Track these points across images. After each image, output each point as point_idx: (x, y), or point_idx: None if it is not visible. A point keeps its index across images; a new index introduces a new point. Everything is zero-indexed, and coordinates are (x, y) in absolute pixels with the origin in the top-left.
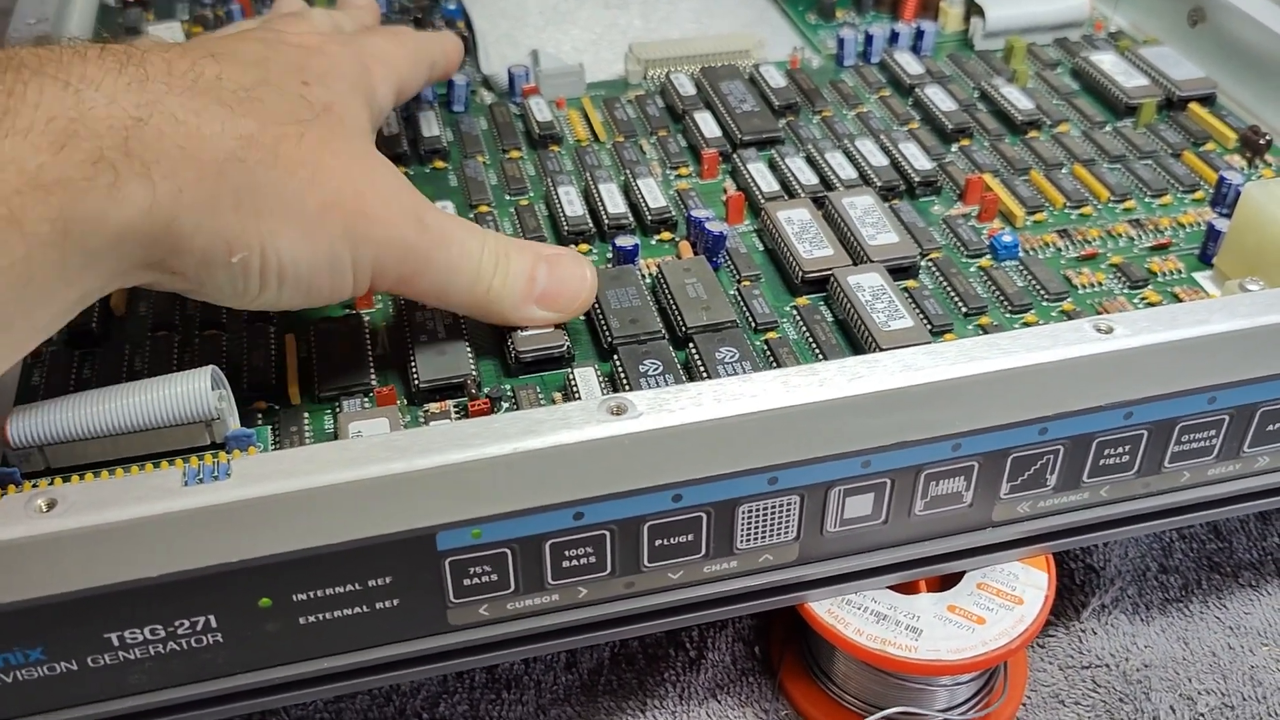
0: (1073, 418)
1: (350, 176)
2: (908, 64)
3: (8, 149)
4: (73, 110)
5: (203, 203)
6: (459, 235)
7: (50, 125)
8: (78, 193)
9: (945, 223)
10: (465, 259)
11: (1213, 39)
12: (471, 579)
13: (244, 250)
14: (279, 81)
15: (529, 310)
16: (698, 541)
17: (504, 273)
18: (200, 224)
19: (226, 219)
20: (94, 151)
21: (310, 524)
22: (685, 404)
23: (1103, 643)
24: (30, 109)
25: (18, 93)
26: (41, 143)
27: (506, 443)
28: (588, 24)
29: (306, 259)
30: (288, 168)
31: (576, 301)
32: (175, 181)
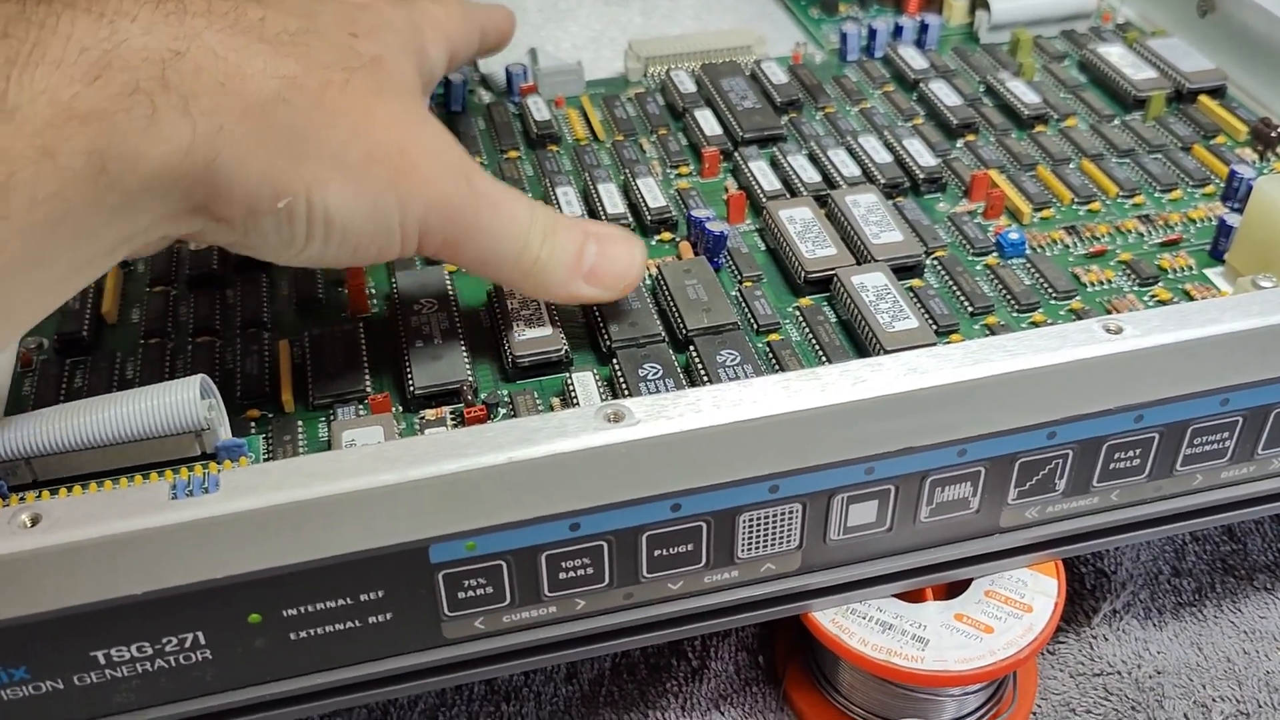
0: (1082, 421)
1: (398, 130)
2: (912, 58)
3: (40, 79)
4: (106, 41)
5: (245, 142)
6: (508, 201)
7: (83, 56)
8: (114, 125)
9: (950, 220)
10: (513, 225)
11: (1222, 29)
12: (466, 592)
13: (289, 194)
14: (326, 30)
15: (576, 286)
16: (698, 551)
17: (552, 245)
18: (244, 164)
19: (271, 160)
20: (129, 83)
21: (299, 538)
22: (684, 410)
23: (1114, 649)
24: (62, 40)
25: (49, 25)
26: (75, 73)
27: (500, 452)
28: (587, 21)
29: (353, 210)
30: (332, 114)
31: (624, 281)
32: (216, 119)
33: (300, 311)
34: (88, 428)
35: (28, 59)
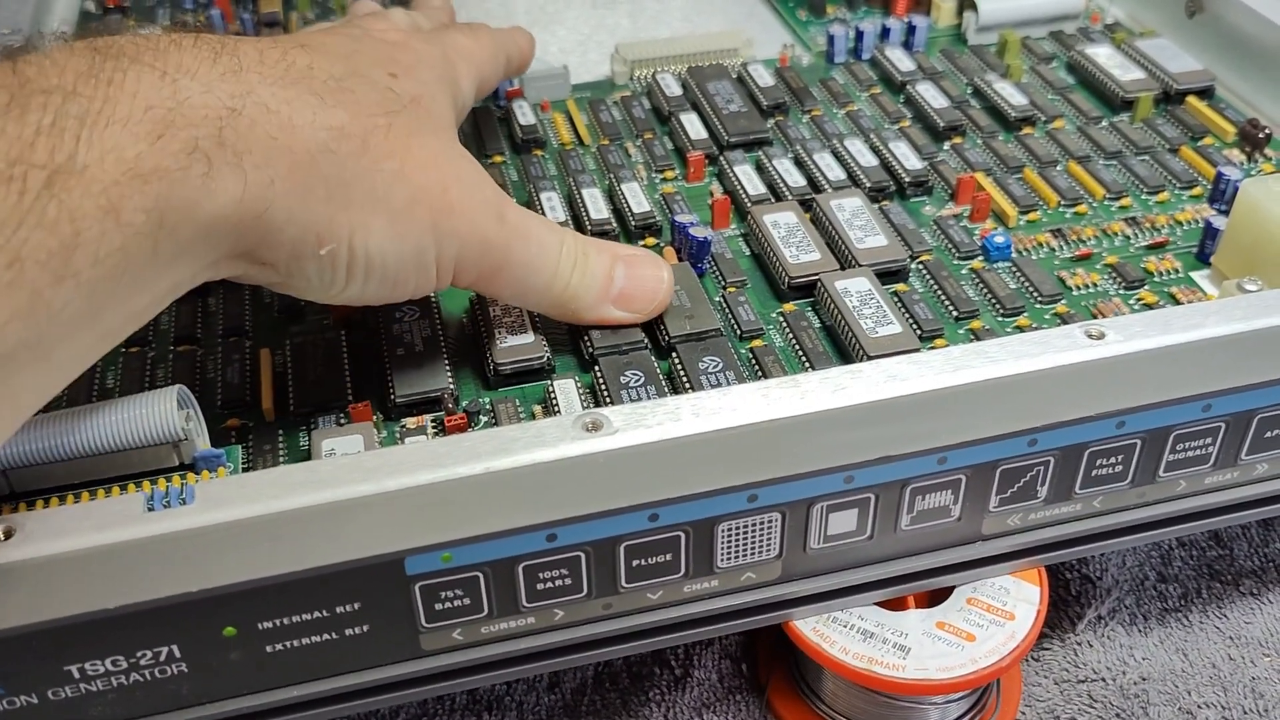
0: (1063, 428)
1: (437, 169)
2: (899, 60)
3: (109, 138)
4: (170, 100)
5: (294, 193)
6: (538, 231)
7: (148, 114)
8: (173, 182)
9: (936, 224)
10: (544, 256)
11: (1211, 29)
12: (443, 603)
13: (333, 242)
14: (368, 72)
15: (606, 309)
16: (676, 561)
17: (582, 270)
18: (291, 214)
19: (317, 210)
20: (190, 141)
21: (274, 550)
22: (662, 419)
23: (1099, 656)
24: (129, 98)
25: (117, 81)
26: (140, 131)
27: (477, 462)
28: (575, 24)
29: (394, 252)
30: (376, 159)
31: (653, 303)
32: (267, 171)
33: (282, 319)
34: (63, 440)
35: (97, 117)
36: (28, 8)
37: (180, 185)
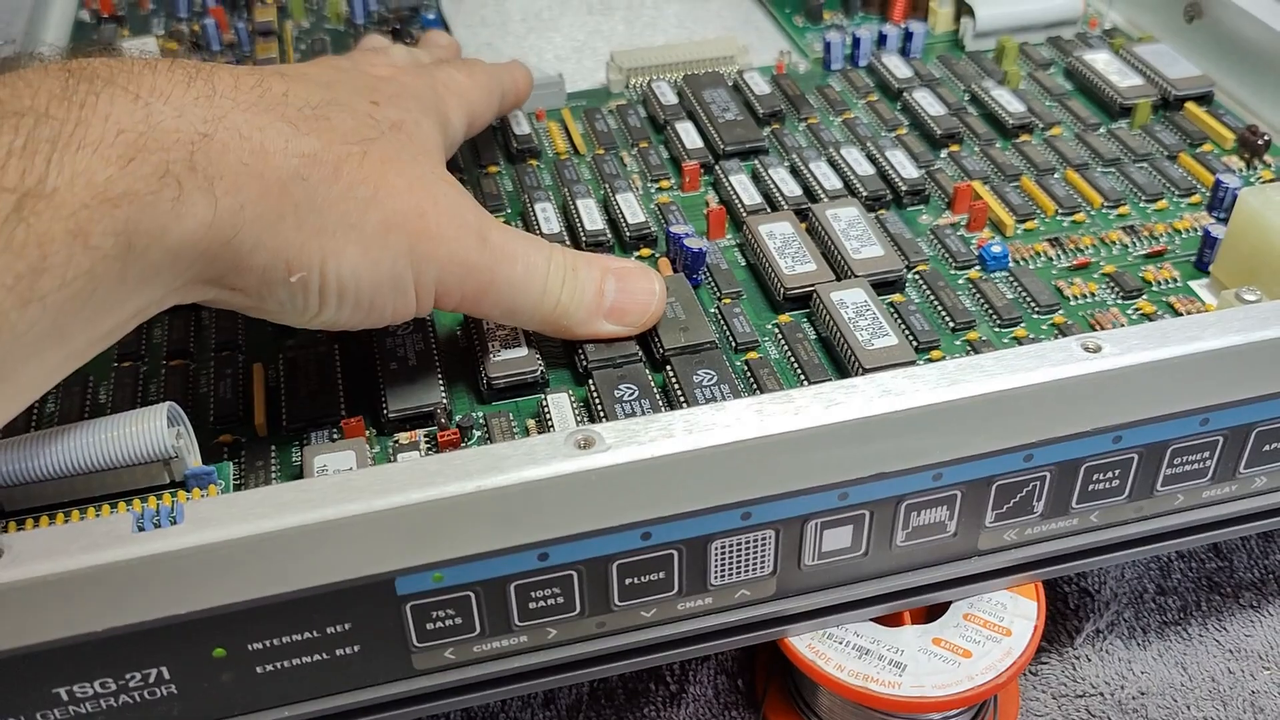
0: (1059, 443)
1: (413, 194)
2: (896, 67)
3: (79, 162)
4: (142, 123)
5: (263, 219)
6: (524, 251)
7: (120, 138)
8: (142, 206)
9: (933, 233)
10: (531, 275)
11: (1210, 35)
12: (434, 623)
13: (303, 269)
14: (347, 101)
15: (598, 324)
16: (669, 579)
17: (572, 287)
18: (260, 241)
19: (287, 237)
20: (161, 165)
21: (264, 571)
22: (655, 435)
23: (1097, 670)
24: (101, 120)
25: (89, 104)
26: (111, 155)
27: (468, 481)
28: (570, 31)
29: (367, 278)
30: (349, 186)
31: (646, 314)
32: (237, 198)
33: (275, 333)
34: (55, 457)
35: (68, 140)
36: (22, 18)
37: (150, 209)
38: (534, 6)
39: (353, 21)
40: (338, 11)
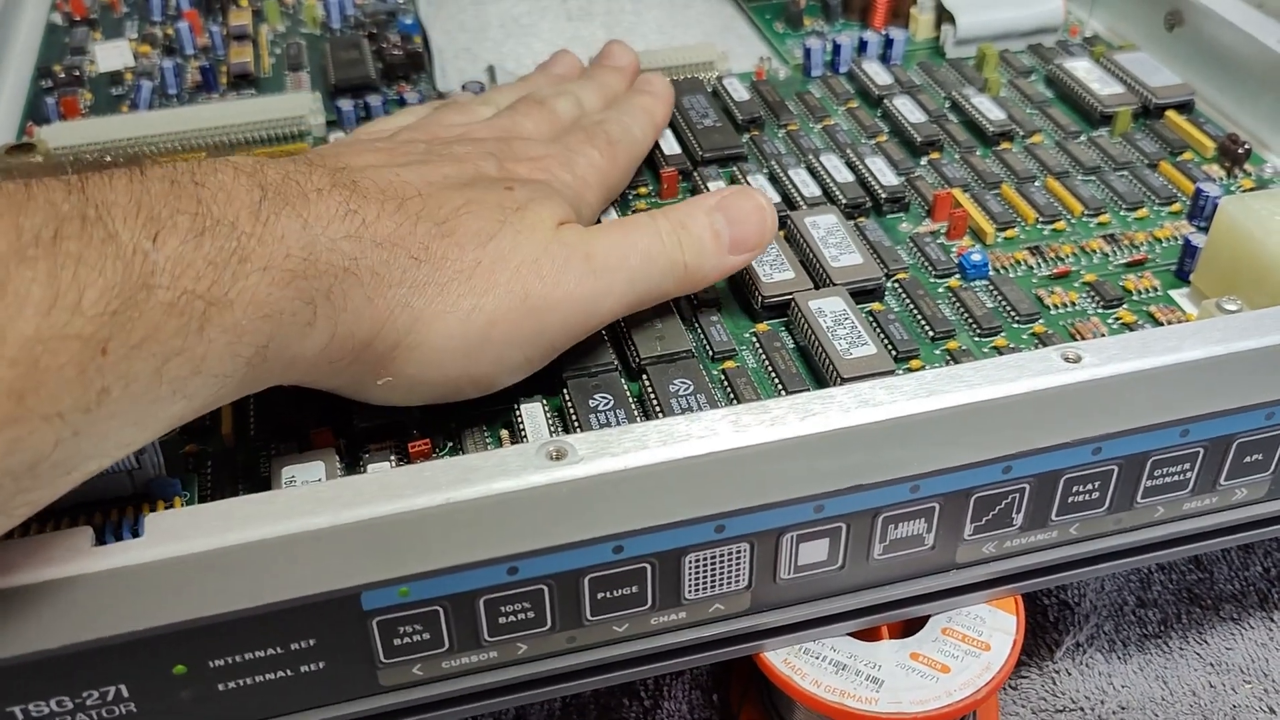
0: (1039, 455)
1: (519, 279)
2: (876, 74)
3: (251, 278)
4: (304, 250)
5: (365, 344)
6: (632, 243)
7: (286, 261)
8: (283, 325)
9: (912, 241)
10: (650, 260)
11: (1190, 43)
12: (402, 639)
13: (391, 376)
14: (481, 197)
15: (726, 262)
16: (643, 593)
17: (690, 244)
18: (357, 358)
19: (382, 359)
20: (308, 293)
21: (227, 586)
22: (628, 446)
23: (1077, 684)
24: (275, 240)
25: (270, 223)
26: (276, 276)
27: (437, 493)
28: (549, 36)
29: (464, 374)
30: (455, 300)
31: (764, 234)
32: (352, 329)
33: None
34: None
35: (247, 256)
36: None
37: (287, 328)
38: (513, 12)
39: (328, 26)
40: (314, 16)
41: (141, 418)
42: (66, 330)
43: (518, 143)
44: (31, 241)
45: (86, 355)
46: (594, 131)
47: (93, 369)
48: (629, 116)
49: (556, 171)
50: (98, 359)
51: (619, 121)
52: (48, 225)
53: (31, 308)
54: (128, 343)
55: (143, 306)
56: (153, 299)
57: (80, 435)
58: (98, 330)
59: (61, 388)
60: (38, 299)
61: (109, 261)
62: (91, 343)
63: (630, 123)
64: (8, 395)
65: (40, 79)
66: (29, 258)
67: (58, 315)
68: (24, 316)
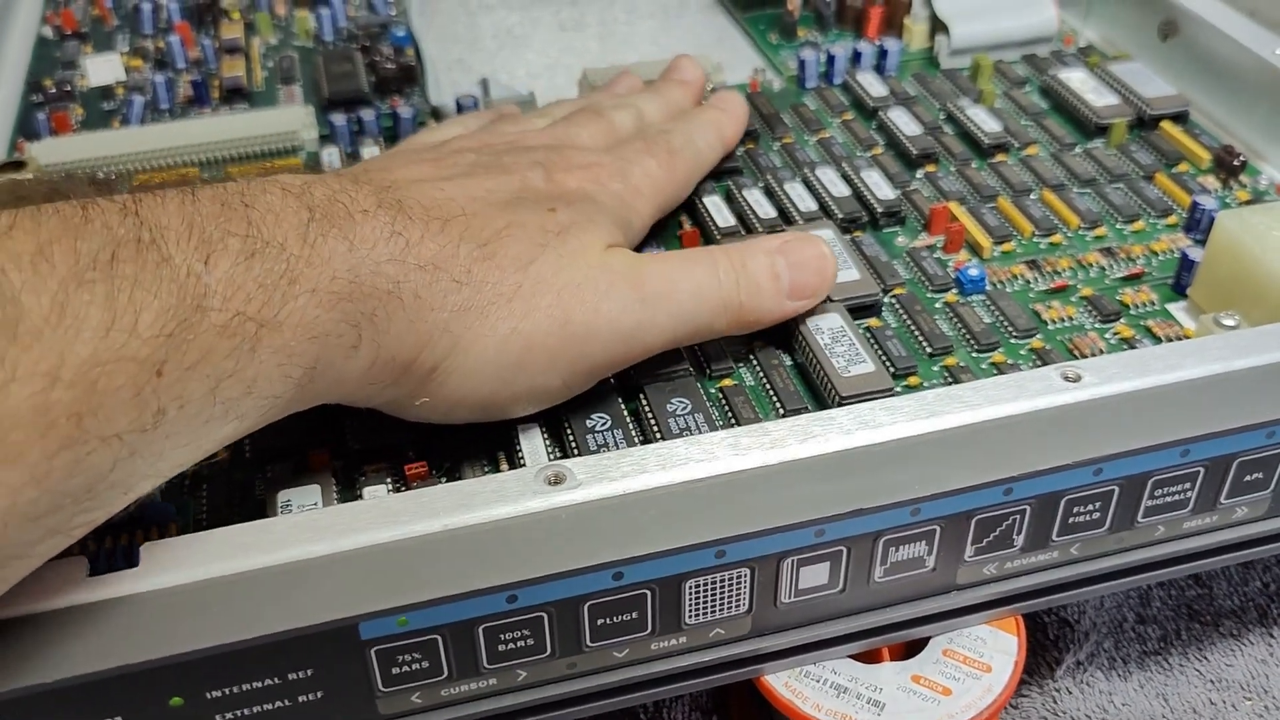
0: (1040, 477)
1: (560, 304)
2: (870, 85)
3: (300, 300)
4: (350, 273)
5: (406, 366)
6: (684, 277)
7: (333, 283)
8: (329, 346)
9: (909, 255)
10: (701, 296)
11: (1185, 53)
12: (400, 667)
13: (428, 397)
14: (525, 219)
15: (783, 307)
16: (643, 619)
17: (748, 284)
18: (397, 380)
19: (421, 381)
20: (353, 315)
21: (222, 617)
22: (627, 470)
23: (1078, 703)
24: (323, 263)
25: (318, 245)
26: (323, 299)
27: (434, 520)
28: (543, 48)
29: (498, 401)
30: (494, 323)
31: (824, 283)
32: (393, 351)
33: None
34: None
35: (296, 278)
36: None
37: (333, 350)
38: (506, 23)
39: (321, 38)
40: (306, 29)
41: (195, 438)
42: (123, 352)
43: (569, 151)
44: (89, 265)
45: (143, 377)
46: (654, 141)
47: (149, 390)
48: (694, 128)
49: (607, 181)
50: (153, 381)
51: (683, 132)
52: (105, 249)
53: (90, 330)
54: (182, 364)
55: (197, 329)
56: (206, 321)
57: (137, 455)
58: (154, 352)
59: (119, 409)
60: (95, 322)
61: (164, 284)
62: (148, 364)
63: (695, 134)
64: (67, 417)
65: (31, 94)
66: (87, 281)
67: (115, 337)
68: (82, 339)
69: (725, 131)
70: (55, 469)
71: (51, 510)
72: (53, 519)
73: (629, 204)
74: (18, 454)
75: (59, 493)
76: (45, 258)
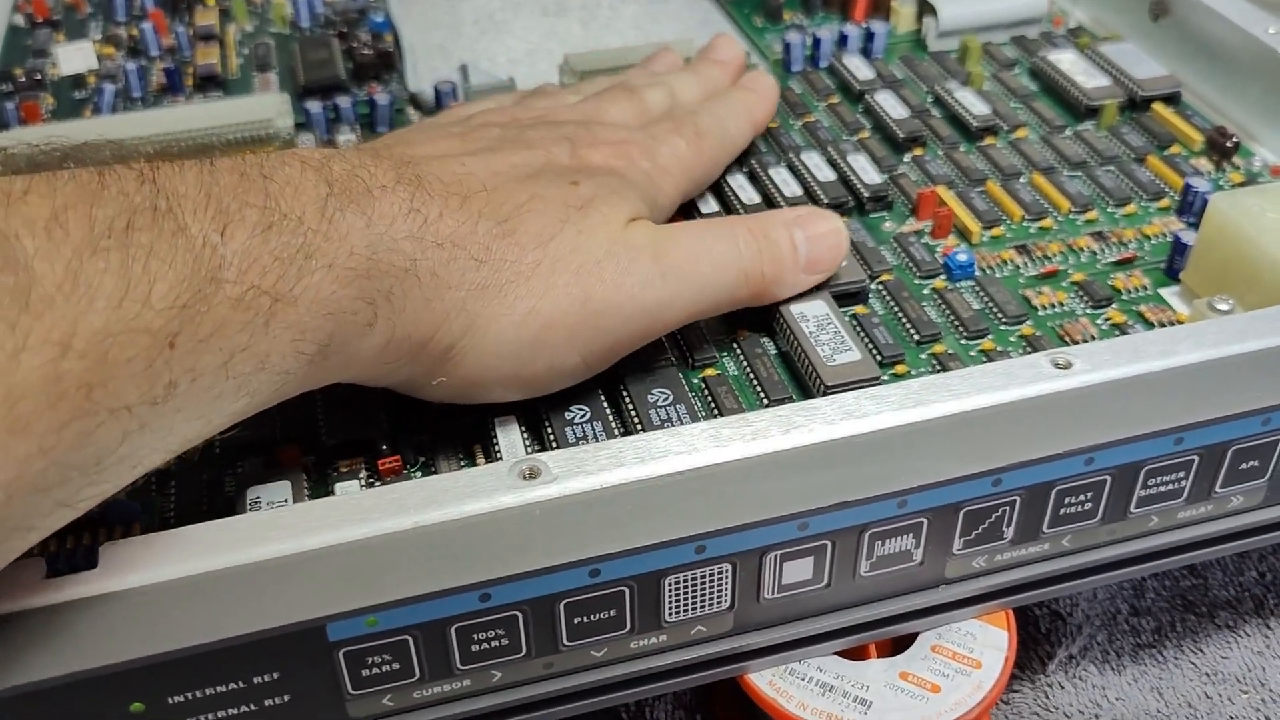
0: (1029, 467)
1: (579, 283)
2: (857, 68)
3: (316, 276)
4: (367, 249)
5: (421, 345)
6: (707, 250)
7: (350, 259)
8: (343, 323)
9: (896, 241)
10: (724, 266)
11: (1176, 33)
12: (370, 669)
13: (445, 377)
14: (546, 192)
15: (799, 280)
16: (621, 617)
17: (770, 254)
18: (413, 359)
19: (437, 360)
20: (369, 292)
21: (184, 620)
22: (604, 464)
23: (1071, 697)
24: (340, 238)
25: (335, 220)
26: (339, 275)
27: (405, 516)
28: (524, 33)
29: (516, 380)
30: (512, 302)
31: (838, 258)
32: (409, 330)
33: None
34: None
35: (313, 253)
36: None
37: (347, 327)
38: (487, 8)
39: (297, 25)
40: (282, 15)
41: (206, 412)
42: (136, 323)
43: (597, 127)
44: (105, 232)
45: (155, 349)
46: (683, 121)
47: (160, 362)
48: (724, 109)
49: (636, 158)
50: (166, 352)
51: (713, 114)
52: (120, 216)
53: (103, 300)
54: (195, 337)
55: (211, 300)
56: (221, 293)
57: (146, 428)
58: (167, 323)
59: (130, 381)
60: (109, 291)
61: (179, 254)
62: (160, 336)
63: (725, 116)
64: (77, 388)
65: (0, 83)
66: (101, 249)
67: (128, 308)
68: (95, 309)
69: (755, 113)
70: (64, 440)
71: (59, 483)
72: (60, 492)
73: (655, 182)
74: (26, 425)
75: (66, 465)
76: (60, 224)
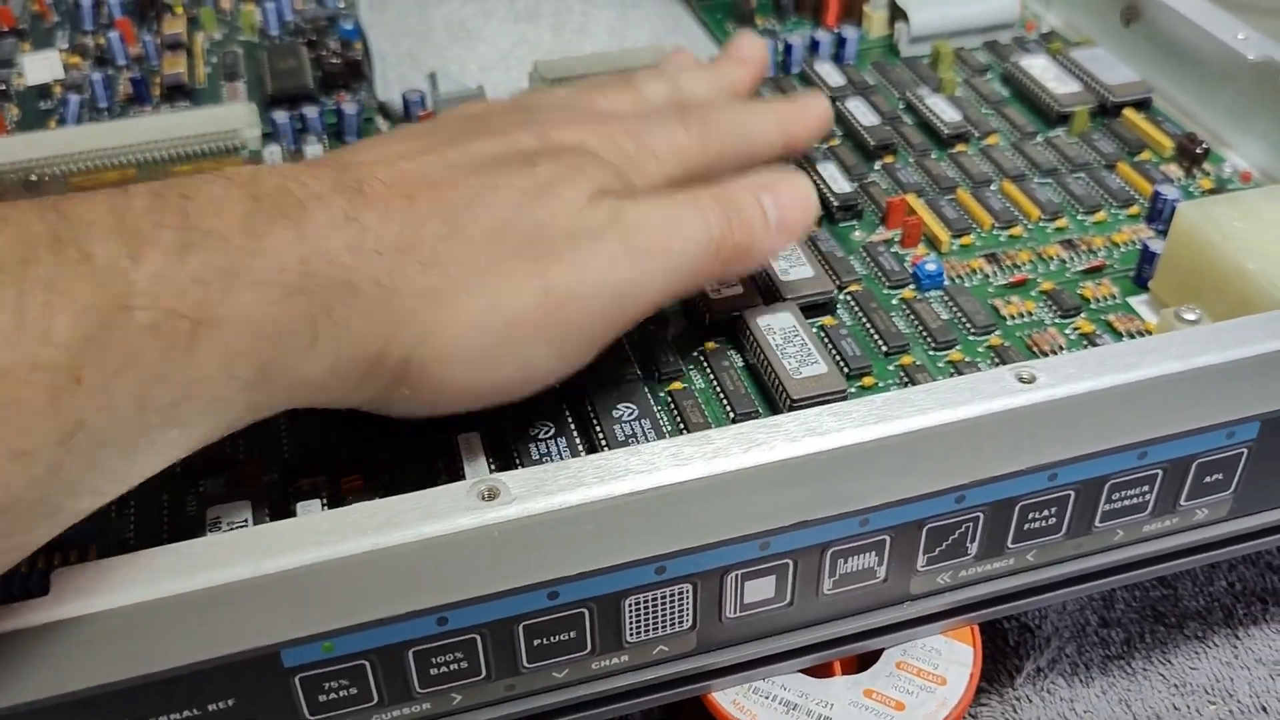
0: (993, 483)
1: (543, 274)
2: (828, 75)
3: (245, 296)
4: (300, 264)
5: (374, 362)
6: (674, 225)
7: (280, 277)
8: (282, 346)
9: (865, 250)
10: (695, 240)
11: (1147, 38)
12: (327, 694)
13: (409, 391)
14: (500, 181)
15: (773, 243)
16: (581, 639)
17: (740, 223)
18: (368, 376)
19: (396, 374)
20: (307, 310)
21: (137, 648)
22: (564, 483)
23: (1039, 711)
24: (270, 254)
25: (263, 234)
26: (270, 294)
27: (363, 538)
28: (495, 40)
29: (486, 386)
30: (465, 307)
31: (808, 215)
32: (355, 347)
33: None
34: None
35: (240, 272)
36: None
37: (286, 348)
38: (458, 15)
39: (266, 33)
40: (251, 23)
41: (130, 449)
42: (35, 360)
43: (578, 110)
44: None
45: (58, 385)
46: (690, 112)
47: (66, 400)
48: (749, 111)
49: (617, 137)
50: (71, 388)
51: (734, 112)
52: (14, 249)
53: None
54: (105, 370)
55: (121, 330)
56: (132, 321)
57: (59, 471)
58: (71, 358)
59: (31, 421)
60: (3, 329)
61: (81, 283)
62: (64, 371)
63: (748, 117)
64: None
65: None
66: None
67: (25, 346)
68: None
69: (790, 127)
70: None
71: None
72: None
73: (636, 161)
74: None
75: None
76: None
